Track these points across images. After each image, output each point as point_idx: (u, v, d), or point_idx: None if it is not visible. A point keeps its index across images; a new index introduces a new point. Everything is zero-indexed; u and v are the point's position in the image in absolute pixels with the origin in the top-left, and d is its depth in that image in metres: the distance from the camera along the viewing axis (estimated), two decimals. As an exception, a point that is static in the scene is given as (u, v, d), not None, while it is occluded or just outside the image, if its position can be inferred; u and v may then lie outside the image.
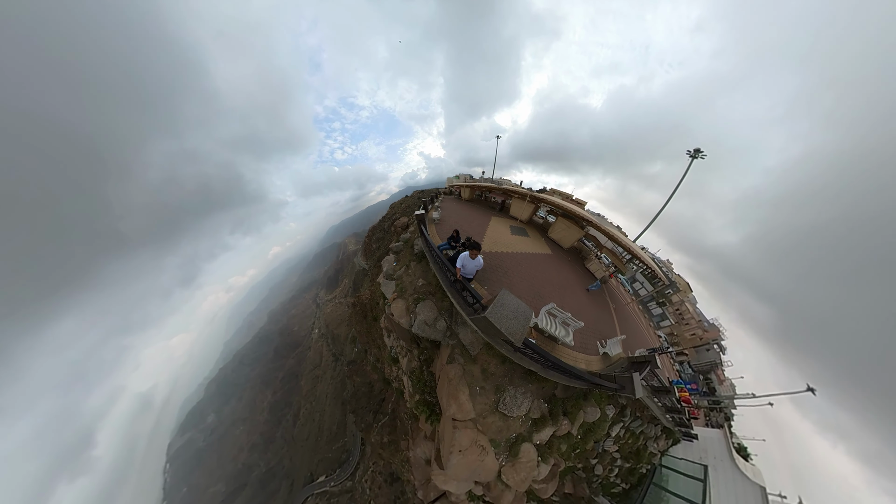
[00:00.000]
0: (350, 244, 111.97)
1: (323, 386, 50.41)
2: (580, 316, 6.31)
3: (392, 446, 16.35)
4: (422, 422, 7.97)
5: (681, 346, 13.49)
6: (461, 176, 34.33)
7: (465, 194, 16.84)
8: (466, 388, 6.06)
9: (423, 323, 7.40)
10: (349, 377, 27.78)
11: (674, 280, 15.59)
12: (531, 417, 6.17)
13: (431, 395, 7.77)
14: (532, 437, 6.23)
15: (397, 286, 8.82)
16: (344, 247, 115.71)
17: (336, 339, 57.20)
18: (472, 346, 6.50)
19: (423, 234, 8.27)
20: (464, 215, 13.03)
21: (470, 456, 5.65)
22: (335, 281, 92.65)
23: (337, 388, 43.86)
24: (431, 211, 10.97)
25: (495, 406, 5.97)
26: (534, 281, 8.47)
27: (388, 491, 23.39)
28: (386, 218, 38.20)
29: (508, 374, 6.21)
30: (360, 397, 21.65)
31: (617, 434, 7.98)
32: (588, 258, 12.63)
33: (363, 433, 21.17)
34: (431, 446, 7.47)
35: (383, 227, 36.46)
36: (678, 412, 8.58)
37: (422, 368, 8.26)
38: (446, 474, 5.90)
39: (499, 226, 12.44)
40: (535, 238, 12.44)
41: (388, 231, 30.44)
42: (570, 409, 6.56)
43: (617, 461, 8.62)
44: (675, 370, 11.33)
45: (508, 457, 6.04)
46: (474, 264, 5.99)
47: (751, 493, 7.57)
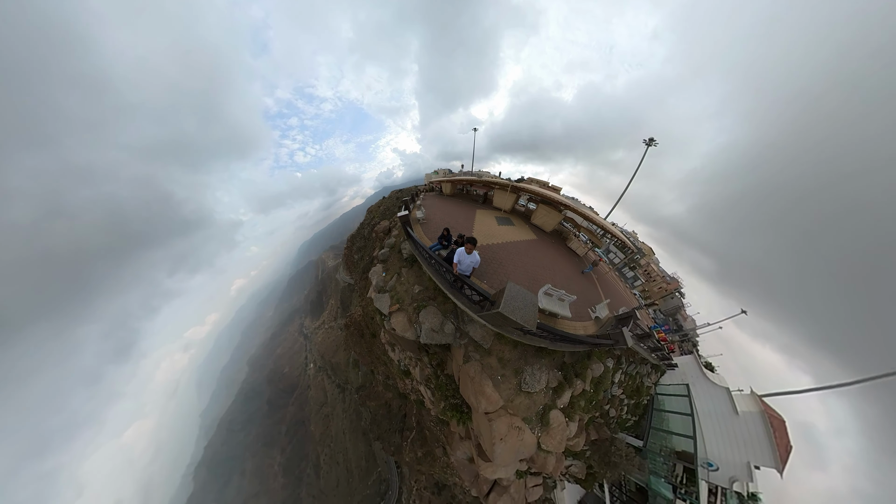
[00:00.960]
0: (328, 259, 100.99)
1: (336, 423, 46.22)
2: (571, 290, 7.04)
3: (428, 458, 16.26)
4: (453, 425, 8.12)
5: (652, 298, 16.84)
6: (440, 171, 32.84)
7: (447, 189, 16.52)
8: (489, 381, 6.39)
9: (431, 330, 7.32)
10: (362, 404, 26.58)
11: (640, 247, 19.05)
12: (550, 387, 6.81)
13: (455, 396, 7.77)
14: (556, 404, 6.89)
15: (393, 298, 8.46)
16: (322, 264, 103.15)
17: (336, 368, 52.26)
18: (484, 340, 6.79)
19: (411, 236, 8.07)
20: (448, 211, 12.82)
21: (511, 440, 6.07)
22: (320, 304, 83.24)
23: (352, 420, 40.81)
24: (414, 211, 10.62)
25: (518, 388, 6.44)
26: (527, 266, 9.02)
27: (439, 500, 23.49)
28: (365, 224, 34.70)
29: (522, 355, 6.71)
30: (380, 421, 20.98)
31: (619, 379, 9.50)
32: (569, 238, 13.61)
33: (395, 456, 20.41)
34: (470, 444, 7.74)
35: (363, 235, 33.37)
36: (660, 350, 10.81)
37: (437, 374, 8.21)
38: (494, 464, 6.27)
39: (485, 218, 12.58)
40: (520, 226, 12.87)
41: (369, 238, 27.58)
42: (580, 370, 7.40)
43: (624, 401, 10.23)
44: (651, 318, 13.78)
45: (542, 427, 6.61)
46: (470, 260, 5.98)
47: (720, 394, 10.20)
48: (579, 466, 9.90)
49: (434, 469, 16.30)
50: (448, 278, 6.50)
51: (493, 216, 13.15)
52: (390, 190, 40.76)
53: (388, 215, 26.19)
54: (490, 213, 13.71)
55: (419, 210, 10.86)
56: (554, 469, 7.36)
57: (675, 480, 9.73)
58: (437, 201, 14.33)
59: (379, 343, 12.23)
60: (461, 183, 16.69)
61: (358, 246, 34.01)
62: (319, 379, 59.80)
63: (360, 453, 37.05)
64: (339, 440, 43.95)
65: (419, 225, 10.09)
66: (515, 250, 9.95)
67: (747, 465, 9.20)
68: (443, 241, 7.79)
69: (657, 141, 10.74)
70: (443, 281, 6.89)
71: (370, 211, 36.40)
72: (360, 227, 35.82)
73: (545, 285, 6.84)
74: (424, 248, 7.33)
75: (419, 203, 11.94)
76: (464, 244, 5.87)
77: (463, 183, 16.69)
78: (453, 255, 6.61)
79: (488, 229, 11.20)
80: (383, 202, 36.28)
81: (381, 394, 21.52)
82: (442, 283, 6.95)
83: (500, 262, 8.53)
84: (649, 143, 10.93)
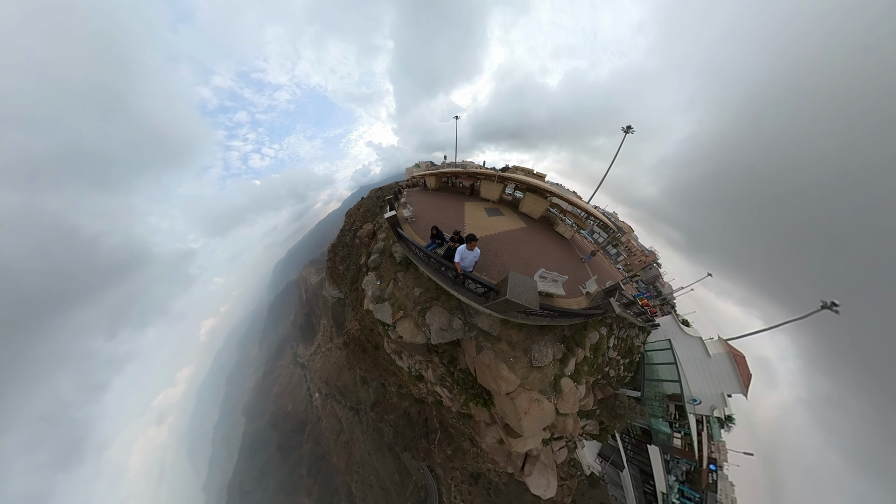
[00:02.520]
0: (310, 276, 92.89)
1: (359, 446, 43.97)
2: (562, 271, 7.83)
3: (458, 453, 16.56)
4: (478, 414, 8.56)
5: (634, 270, 19.36)
6: (421, 164, 31.78)
7: (432, 183, 15.95)
8: (504, 365, 7.01)
9: (440, 330, 7.50)
10: (381, 420, 26.19)
11: (620, 226, 21.11)
12: (557, 359, 7.61)
13: (474, 386, 8.15)
14: (564, 372, 7.74)
15: (394, 305, 8.30)
16: (304, 282, 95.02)
17: (344, 391, 49.73)
18: (492, 328, 7.32)
19: (404, 238, 7.75)
20: (436, 206, 12.55)
21: (533, 412, 6.77)
22: (310, 328, 77.07)
23: (374, 438, 39.20)
24: (401, 210, 10.16)
25: (530, 365, 7.14)
26: (520, 254, 9.56)
27: (478, 489, 24.19)
28: (345, 230, 32.36)
29: (528, 336, 7.39)
30: (402, 432, 20.96)
31: (613, 343, 10.86)
32: (556, 223, 14.16)
33: (426, 461, 20.50)
34: (497, 427, 8.34)
35: (345, 242, 31.12)
36: (644, 314, 12.64)
37: (451, 371, 8.37)
38: (524, 438, 6.99)
39: (474, 210, 12.57)
40: (509, 215, 13.03)
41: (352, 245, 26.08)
42: (579, 339, 8.30)
43: (620, 361, 11.72)
44: (634, 287, 15.99)
45: (556, 395, 7.41)
46: (472, 256, 6.21)
47: (695, 344, 12.82)
48: (592, 424, 11.17)
49: (466, 462, 16.61)
50: (450, 276, 6.62)
51: (482, 208, 13.18)
52: (368, 189, 37.71)
53: (371, 217, 24.50)
54: (479, 204, 13.68)
55: (406, 209, 10.40)
56: (573, 430, 8.25)
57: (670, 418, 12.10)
58: (422, 197, 13.96)
59: (384, 354, 11.91)
60: (446, 175, 16.14)
61: (342, 255, 31.53)
62: (329, 407, 56.16)
63: (391, 469, 35.78)
64: (366, 463, 41.97)
65: (409, 224, 9.78)
66: (508, 240, 10.31)
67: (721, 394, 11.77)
68: (436, 239, 7.79)
69: (634, 129, 11.49)
70: (444, 279, 6.98)
71: (349, 215, 33.49)
72: (341, 234, 32.85)
73: (539, 269, 7.50)
74: (421, 248, 7.23)
75: (404, 201, 11.44)
76: (462, 241, 6.06)
77: (448, 175, 16.15)
78: (451, 251, 6.76)
79: (480, 222, 11.32)
80: (363, 203, 33.66)
81: (397, 404, 21.41)
82: (444, 281, 7.02)
83: (496, 252, 8.95)
84: (627, 131, 11.64)
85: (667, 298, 18.16)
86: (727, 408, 12.08)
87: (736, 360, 11.84)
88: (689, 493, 12.55)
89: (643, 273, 19.48)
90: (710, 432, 12.70)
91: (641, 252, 21.31)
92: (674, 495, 12.40)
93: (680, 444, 11.93)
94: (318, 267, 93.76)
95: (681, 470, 12.62)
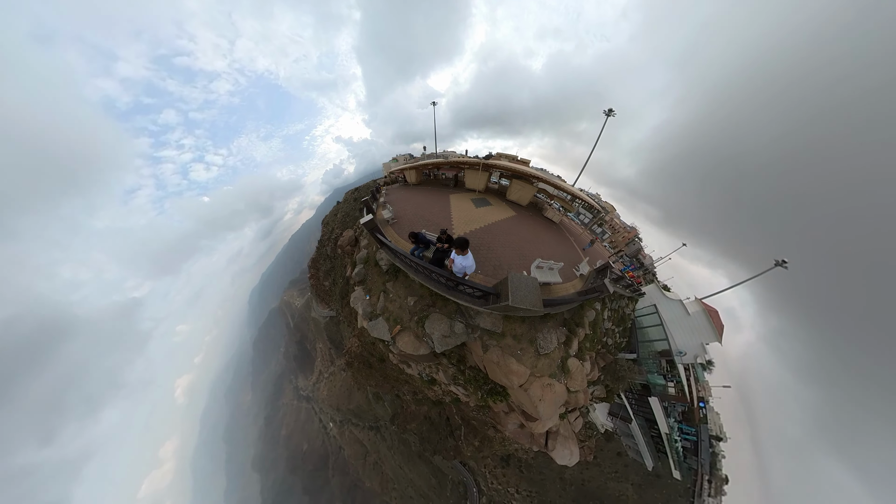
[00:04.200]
0: (294, 299, 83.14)
1: (389, 463, 42.53)
2: (556, 257, 7.96)
3: (486, 442, 17.12)
4: (495, 405, 8.83)
5: (618, 247, 21.05)
6: (399, 157, 28.39)
7: (412, 178, 14.89)
8: (512, 359, 7.26)
9: (442, 337, 7.39)
10: (404, 431, 26.00)
11: (604, 206, 21.96)
12: (561, 343, 8.05)
13: (487, 382, 8.28)
14: (569, 353, 8.23)
15: (390, 320, 7.92)
16: (288, 307, 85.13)
17: (359, 412, 48.00)
18: (495, 325, 7.42)
19: (386, 245, 7.15)
20: (419, 202, 11.77)
21: (547, 397, 7.23)
22: (306, 356, 71.34)
23: (402, 451, 38.04)
24: (380, 211, 9.21)
25: (537, 353, 7.46)
26: (513, 244, 9.39)
27: (510, 469, 25.37)
28: (324, 240, 29.18)
29: (531, 326, 7.66)
30: (428, 437, 21.16)
31: (608, 316, 11.78)
32: (544, 208, 14.14)
33: (457, 458, 21.32)
34: (516, 414, 8.80)
35: (326, 254, 28.23)
36: (631, 285, 13.82)
37: (461, 370, 8.38)
38: (542, 421, 7.45)
39: (460, 202, 12.00)
40: (497, 204, 12.63)
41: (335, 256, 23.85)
42: (579, 320, 8.85)
43: (615, 330, 12.91)
44: (620, 262, 17.88)
45: (565, 376, 7.89)
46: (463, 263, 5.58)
47: (676, 305, 14.71)
48: (599, 389, 12.20)
49: (494, 447, 17.30)
50: (443, 282, 6.26)
51: (468, 199, 12.65)
52: (344, 191, 34.24)
53: (350, 222, 22.27)
54: (464, 196, 13.13)
55: (385, 209, 9.36)
56: (584, 401, 8.96)
57: (663, 371, 14.11)
58: (403, 194, 13.08)
59: (391, 365, 11.51)
60: (427, 168, 15.20)
61: (325, 269, 28.75)
62: (347, 433, 53.21)
63: (425, 476, 35.58)
64: (400, 477, 41.06)
65: (390, 227, 8.98)
66: (499, 230, 10.03)
67: (701, 345, 14.09)
68: (418, 244, 7.11)
69: (616, 112, 11.92)
70: (437, 285, 6.54)
71: (326, 223, 30.64)
72: (320, 245, 29.88)
73: (535, 259, 7.60)
74: (406, 255, 6.68)
75: (383, 200, 10.59)
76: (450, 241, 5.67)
77: (429, 168, 15.22)
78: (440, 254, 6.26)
79: (467, 214, 10.87)
80: (339, 208, 30.82)
81: (416, 411, 21.54)
82: (438, 287, 6.59)
83: (489, 245, 8.72)
84: (608, 114, 12.03)
85: (649, 269, 19.91)
86: (707, 354, 14.41)
87: (710, 314, 14.01)
88: (687, 429, 14.78)
89: (627, 248, 21.07)
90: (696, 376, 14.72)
91: (624, 229, 22.88)
92: (675, 433, 14.56)
93: (673, 391, 13.96)
94: (300, 287, 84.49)
95: (677, 412, 14.69)
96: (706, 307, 14.42)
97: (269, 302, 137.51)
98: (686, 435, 14.91)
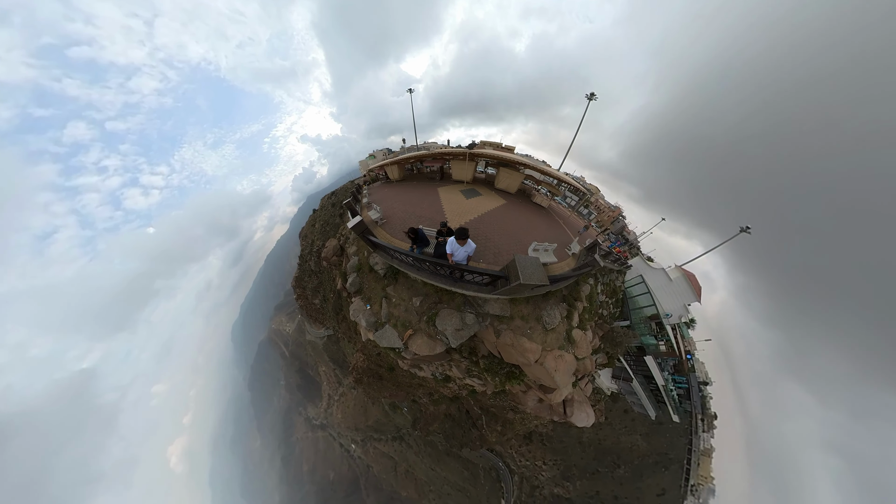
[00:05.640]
0: (283, 325, 76.69)
1: (420, 468, 42.22)
2: (549, 240, 8.59)
3: (507, 425, 17.76)
4: (511, 388, 9.25)
5: (604, 225, 22.36)
6: (377, 153, 26.89)
7: (394, 174, 14.24)
8: (524, 338, 7.82)
9: (456, 331, 7.53)
10: (428, 434, 25.88)
11: (589, 188, 23.33)
12: (563, 317, 8.74)
13: (503, 366, 8.64)
14: (572, 325, 8.99)
15: (398, 326, 7.65)
16: (278, 335, 78.41)
17: (378, 427, 46.34)
18: (504, 310, 7.84)
19: (381, 246, 6.95)
20: (407, 199, 11.40)
21: (561, 366, 7.91)
22: (310, 383, 67.02)
23: (430, 453, 37.91)
24: (366, 212, 8.67)
25: (545, 330, 8.09)
26: (508, 231, 9.58)
27: (534, 446, 27.04)
28: (305, 255, 26.94)
29: (535, 305, 8.27)
30: (452, 433, 21.39)
31: (601, 289, 12.91)
32: (533, 194, 14.09)
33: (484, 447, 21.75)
34: (533, 391, 9.46)
35: (310, 270, 25.81)
36: (619, 260, 15.15)
37: (475, 362, 8.54)
38: (560, 390, 8.12)
39: (450, 195, 11.77)
40: (486, 194, 12.49)
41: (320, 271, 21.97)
42: (576, 294, 9.62)
43: (608, 302, 14.24)
44: (607, 239, 19.32)
45: (572, 346, 8.67)
46: (465, 250, 5.80)
47: (660, 273, 16.30)
48: (601, 356, 13.39)
49: (516, 428, 17.90)
50: (446, 274, 6.28)
51: (457, 191, 12.40)
52: (319, 197, 31.12)
53: (331, 231, 20.75)
54: (453, 188, 12.80)
55: (372, 209, 8.87)
56: (591, 367, 9.83)
57: (654, 332, 15.90)
58: (387, 192, 12.59)
59: (402, 372, 11.44)
60: (409, 162, 14.45)
61: (312, 287, 26.52)
62: (372, 450, 51.27)
63: (457, 471, 36.09)
64: (434, 479, 41.05)
65: (380, 228, 8.59)
66: (492, 220, 10.17)
67: (684, 306, 15.89)
68: (417, 242, 6.94)
69: (597, 96, 12.17)
70: (443, 279, 6.52)
71: (304, 235, 28.27)
72: (302, 261, 27.51)
73: (532, 243, 8.13)
74: (406, 253, 6.50)
75: (367, 201, 10.03)
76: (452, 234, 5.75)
77: (411, 161, 14.45)
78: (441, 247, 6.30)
79: (458, 206, 10.81)
80: (317, 217, 28.11)
81: (436, 412, 21.60)
82: (443, 281, 6.57)
83: (485, 235, 8.91)
84: (591, 98, 12.27)
85: (633, 244, 21.82)
86: (689, 314, 16.31)
87: (689, 279, 15.75)
88: (679, 379, 17.07)
89: (612, 226, 22.68)
90: (682, 334, 16.86)
91: (609, 208, 24.40)
92: (670, 384, 16.60)
93: (664, 348, 15.79)
94: (288, 311, 77.88)
95: (669, 366, 16.70)
96: (685, 273, 16.08)
97: (255, 335, 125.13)
98: (679, 384, 17.12)
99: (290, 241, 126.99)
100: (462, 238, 5.77)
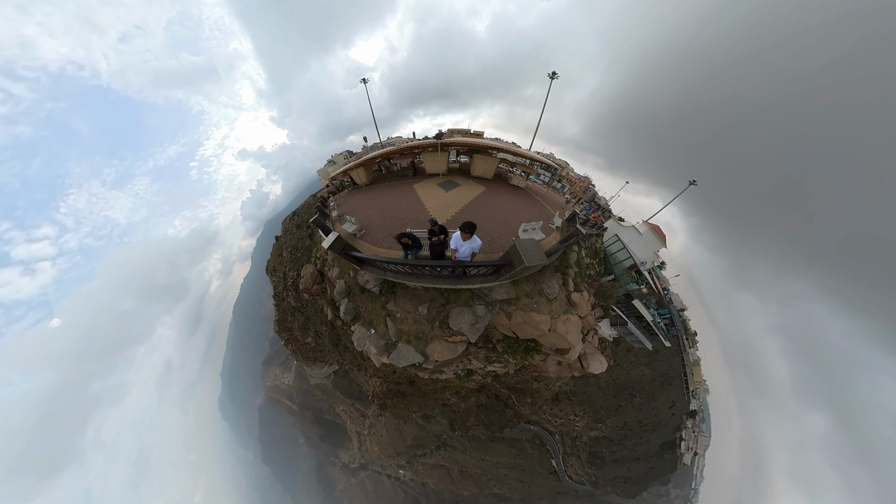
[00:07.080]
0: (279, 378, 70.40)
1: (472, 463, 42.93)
2: (534, 218, 9.25)
3: (535, 395, 19.16)
4: (533, 361, 10.03)
5: (578, 195, 24.70)
6: (337, 157, 23.68)
7: (362, 177, 13.11)
8: (533, 314, 8.62)
9: (472, 326, 7.77)
10: (467, 431, 26.11)
11: (559, 163, 25.39)
12: (560, 285, 9.72)
13: (520, 344, 9.20)
14: (570, 290, 10.07)
15: (412, 340, 7.25)
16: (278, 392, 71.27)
17: (420, 442, 44.88)
18: (509, 293, 8.44)
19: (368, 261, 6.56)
20: (383, 203, 10.56)
21: (571, 328, 8.94)
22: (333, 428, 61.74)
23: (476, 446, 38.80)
24: (339, 226, 7.88)
25: (548, 300, 8.99)
26: (495, 217, 9.75)
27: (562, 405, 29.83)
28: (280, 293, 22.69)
29: (535, 281, 9.06)
30: (489, 421, 21.95)
31: (585, 254, 14.44)
32: (509, 177, 14.11)
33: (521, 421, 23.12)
34: (552, 357, 10.43)
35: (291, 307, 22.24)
36: (595, 224, 17.21)
37: (491, 349, 8.73)
38: (574, 348, 9.16)
39: (427, 190, 11.19)
40: (465, 183, 12.10)
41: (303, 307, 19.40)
42: (567, 262, 10.61)
43: (593, 262, 16.29)
44: (582, 209, 21.46)
45: (574, 308, 9.75)
46: (470, 245, 5.66)
47: (631, 230, 18.96)
48: (598, 311, 15.01)
49: (543, 395, 19.55)
50: (447, 273, 6.24)
51: (434, 185, 11.79)
52: (279, 221, 26.53)
53: (304, 257, 17.72)
54: (429, 182, 12.14)
55: (346, 222, 8.06)
56: (593, 321, 11.16)
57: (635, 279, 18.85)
58: (358, 198, 11.69)
59: (424, 382, 11.09)
60: (375, 162, 13.34)
61: (299, 325, 23.02)
62: (420, 468, 49.52)
63: (505, 451, 38.01)
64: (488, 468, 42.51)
65: (361, 241, 7.94)
66: (477, 208, 10.14)
67: (654, 252, 18.82)
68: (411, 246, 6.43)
69: (559, 74, 13.06)
70: (446, 280, 6.42)
71: (272, 270, 24.07)
72: (278, 300, 23.51)
73: (521, 225, 8.69)
74: (400, 262, 6.04)
75: (337, 214, 9.05)
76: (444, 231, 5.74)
77: (378, 161, 13.38)
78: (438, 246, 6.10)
79: (440, 201, 10.35)
80: (282, 244, 23.96)
81: (468, 407, 21.67)
82: (445, 283, 6.44)
83: (477, 226, 8.93)
84: (552, 76, 13.17)
85: (605, 209, 24.55)
86: (659, 258, 19.47)
87: (655, 230, 18.50)
88: (662, 311, 20.63)
89: (584, 195, 24.95)
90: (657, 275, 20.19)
91: (579, 179, 26.36)
92: (656, 318, 19.70)
93: (646, 290, 18.80)
94: (280, 362, 70.16)
95: (653, 303, 19.86)
96: (652, 226, 18.71)
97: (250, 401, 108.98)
98: (663, 316, 20.70)
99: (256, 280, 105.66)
100: (468, 232, 5.44)
